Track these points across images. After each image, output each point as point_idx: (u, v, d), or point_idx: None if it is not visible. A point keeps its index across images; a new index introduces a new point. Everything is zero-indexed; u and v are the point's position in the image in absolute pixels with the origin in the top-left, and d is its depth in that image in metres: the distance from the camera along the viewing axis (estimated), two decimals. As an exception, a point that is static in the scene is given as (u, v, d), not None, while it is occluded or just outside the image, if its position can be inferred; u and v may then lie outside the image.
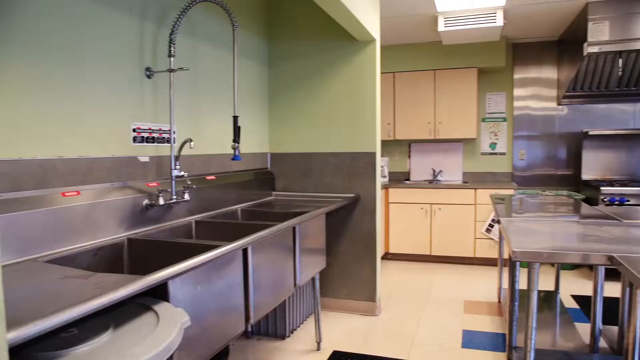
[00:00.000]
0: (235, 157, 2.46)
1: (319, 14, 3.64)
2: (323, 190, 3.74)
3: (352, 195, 3.63)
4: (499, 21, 4.28)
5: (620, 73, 4.61)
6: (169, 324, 1.24)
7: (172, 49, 2.31)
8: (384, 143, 5.91)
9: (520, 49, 5.49)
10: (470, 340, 3.22)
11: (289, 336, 3.26)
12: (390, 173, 5.95)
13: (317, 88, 3.71)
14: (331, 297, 3.79)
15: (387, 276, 4.81)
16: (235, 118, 2.47)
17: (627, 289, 2.54)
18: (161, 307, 1.36)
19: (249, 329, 3.28)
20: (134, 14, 2.23)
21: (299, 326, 3.42)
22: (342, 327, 3.45)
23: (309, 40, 3.70)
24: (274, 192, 3.81)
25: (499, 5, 4.13)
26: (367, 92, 3.59)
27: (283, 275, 2.40)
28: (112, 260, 1.96)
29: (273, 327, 3.24)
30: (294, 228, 2.53)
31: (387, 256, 5.47)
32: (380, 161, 3.77)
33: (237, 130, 2.46)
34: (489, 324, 3.52)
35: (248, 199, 3.32)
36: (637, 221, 2.44)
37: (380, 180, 3.76)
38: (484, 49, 5.20)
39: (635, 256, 1.65)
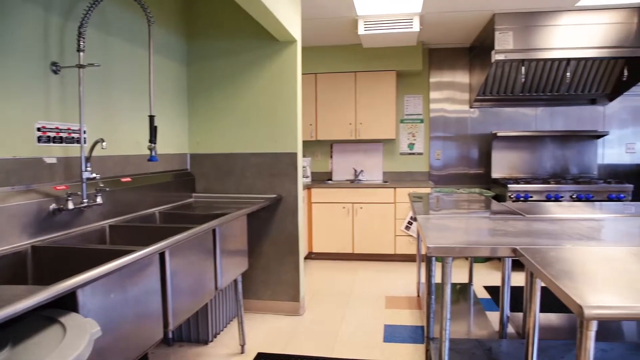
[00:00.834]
0: (151, 158, 2.36)
1: (240, 14, 3.60)
2: (245, 191, 3.70)
3: (274, 195, 3.62)
4: (416, 27, 4.46)
5: (523, 79, 4.97)
6: (77, 335, 1.16)
7: (81, 43, 2.18)
8: (306, 143, 5.96)
9: (435, 54, 5.76)
10: (392, 334, 3.33)
11: (212, 341, 3.18)
12: (312, 173, 6.00)
13: (238, 88, 3.66)
14: (255, 299, 3.75)
15: (311, 276, 4.85)
16: (151, 117, 2.37)
17: (529, 278, 2.74)
18: (69, 319, 1.27)
19: (170, 335, 3.17)
20: (37, 3, 2.07)
21: (222, 330, 3.35)
22: (266, 329, 3.43)
23: (230, 39, 3.64)
24: (194, 194, 3.71)
25: (415, 11, 4.30)
26: (288, 93, 3.60)
27: (203, 279, 2.34)
28: (14, 271, 1.81)
29: (195, 332, 3.15)
30: (214, 230, 2.47)
31: (310, 256, 5.52)
32: (302, 161, 3.79)
33: (153, 130, 2.36)
34: (409, 317, 3.65)
35: (166, 201, 3.21)
36: (538, 215, 2.64)
37: (302, 181, 3.78)
38: (402, 53, 5.39)
39: (535, 247, 1.78)
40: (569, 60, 4.76)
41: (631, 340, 2.97)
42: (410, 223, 5.25)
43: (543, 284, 3.45)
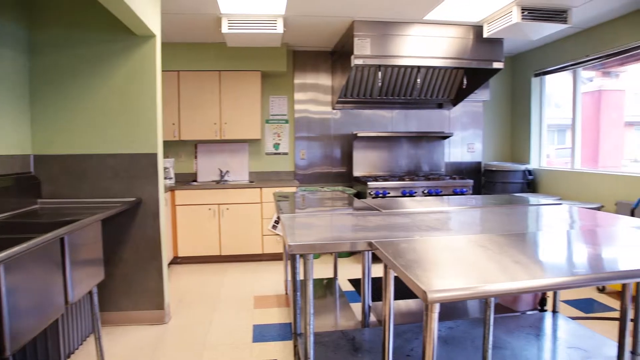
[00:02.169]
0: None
1: (94, 3, 3.30)
2: (100, 195, 3.42)
3: (133, 199, 3.40)
4: (280, 28, 4.52)
5: (380, 84, 5.32)
6: None
7: None
8: (169, 144, 5.69)
9: (300, 56, 5.90)
10: (261, 333, 3.33)
11: (62, 361, 2.89)
12: (176, 174, 5.76)
13: (91, 83, 3.37)
14: (115, 311, 3.49)
15: (177, 281, 4.66)
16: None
17: (385, 269, 2.94)
18: None
19: (10, 360, 2.80)
20: None
21: (77, 348, 3.06)
22: (128, 341, 3.21)
23: (83, 30, 3.33)
24: (39, 200, 3.32)
25: (279, 13, 4.35)
26: (147, 90, 3.41)
27: (51, 293, 2.11)
28: None
29: (44, 354, 2.82)
30: (62, 239, 2.24)
31: (176, 260, 5.29)
32: (163, 162, 3.62)
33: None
34: (277, 315, 3.69)
35: (4, 209, 2.83)
36: (393, 210, 2.84)
37: (163, 182, 3.61)
38: (267, 54, 5.43)
39: (388, 240, 1.92)
40: (419, 67, 5.21)
41: (475, 316, 3.35)
42: (277, 222, 5.32)
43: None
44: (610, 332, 3.26)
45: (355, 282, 4.54)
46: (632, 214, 4.25)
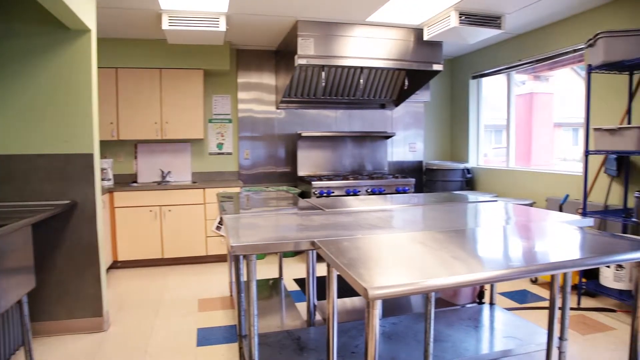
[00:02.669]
0: None
1: (17, -7, 3.11)
2: (31, 197, 3.23)
3: (67, 202, 3.23)
4: (222, 26, 4.44)
5: (324, 84, 5.36)
6: None
7: None
8: (107, 144, 5.46)
9: (243, 55, 5.84)
10: (205, 337, 3.27)
11: (-11, 375, 2.71)
12: (115, 176, 5.54)
13: (18, 79, 3.17)
14: (48, 320, 3.30)
15: (117, 286, 4.48)
16: None
17: (328, 267, 2.97)
18: None
19: None
20: None
21: (4, 361, 2.88)
22: (63, 352, 3.05)
23: (6, 20, 3.13)
24: (-39, 204, 3.09)
25: (221, 11, 4.28)
26: (82, 87, 3.26)
27: (-26, 304, 1.97)
28: None
29: (-35, 368, 2.64)
30: (-13, 245, 2.10)
31: (116, 265, 5.09)
32: (100, 163, 3.47)
33: None
34: (223, 318, 3.63)
35: None
36: (336, 209, 2.87)
37: (100, 184, 3.46)
38: (210, 52, 5.33)
39: (331, 239, 1.93)
40: (362, 68, 5.29)
41: (418, 311, 3.44)
42: (221, 223, 5.23)
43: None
44: (543, 321, 3.45)
45: (301, 282, 4.54)
46: (561, 209, 4.51)
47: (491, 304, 3.40)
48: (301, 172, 5.90)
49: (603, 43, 3.52)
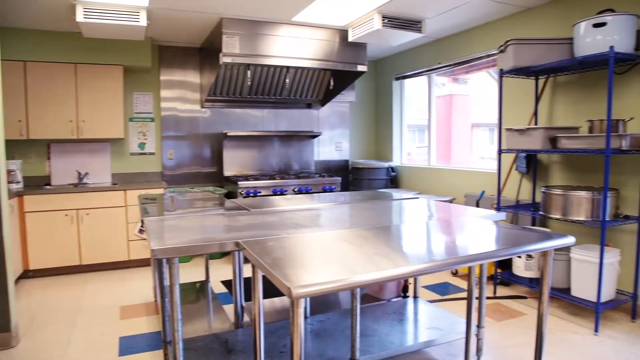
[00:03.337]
0: None
1: None
2: None
3: (-31, 206, 2.97)
4: (143, 21, 4.27)
5: (249, 83, 5.30)
6: None
7: None
8: (15, 143, 5.05)
9: (166, 52, 5.64)
10: (128, 346, 3.13)
11: None
12: (24, 178, 5.13)
13: None
14: (-55, 337, 3.01)
15: (29, 297, 4.17)
16: None
17: (253, 268, 2.94)
18: None
19: None
20: None
21: None
22: (-37, 371, 2.79)
23: None
24: None
25: (142, 5, 4.11)
26: (-16, 82, 3.00)
27: None
28: None
29: None
30: None
31: (27, 274, 4.73)
32: (6, 164, 3.20)
33: None
34: (147, 325, 3.49)
35: None
36: (262, 209, 2.85)
37: (6, 187, 3.20)
38: (130, 47, 5.10)
39: (255, 239, 1.92)
40: (288, 68, 5.29)
41: (347, 307, 3.49)
42: (144, 226, 5.02)
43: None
44: (463, 311, 3.63)
45: (228, 283, 4.47)
46: (477, 205, 4.78)
47: (415, 297, 3.53)
48: (227, 172, 5.80)
49: (512, 49, 3.76)
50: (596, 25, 3.33)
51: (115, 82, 5.13)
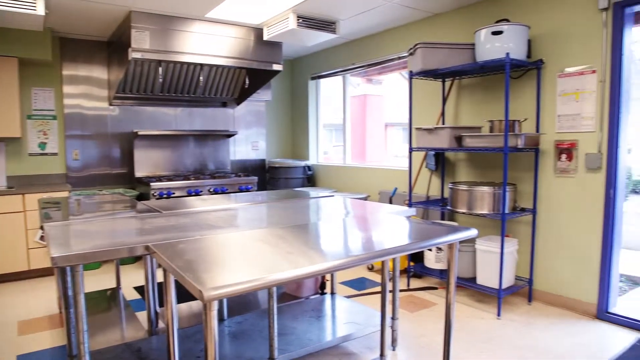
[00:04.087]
0: None
1: None
2: None
3: None
4: (40, 10, 3.94)
5: (161, 80, 5.10)
6: None
7: None
8: None
9: (69, 45, 5.26)
10: (26, 363, 2.89)
11: None
12: None
13: None
14: None
15: None
16: None
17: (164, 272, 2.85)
18: None
19: None
20: None
21: None
22: None
23: None
24: None
25: (37, -7, 3.80)
26: None
27: None
28: None
29: None
30: None
31: None
32: None
33: None
34: (50, 339, 3.25)
35: None
36: (174, 211, 2.76)
37: None
38: (27, 38, 4.70)
39: (167, 242, 1.85)
40: (202, 65, 5.15)
41: (265, 307, 3.47)
42: (47, 232, 4.66)
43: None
44: (379, 304, 3.76)
45: (142, 289, 4.28)
46: (391, 202, 4.96)
47: (332, 293, 3.59)
48: (139, 173, 5.54)
49: (421, 53, 3.94)
50: (494, 33, 3.58)
51: (9, 75, 4.70)
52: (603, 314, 3.46)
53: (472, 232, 2.16)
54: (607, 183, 3.39)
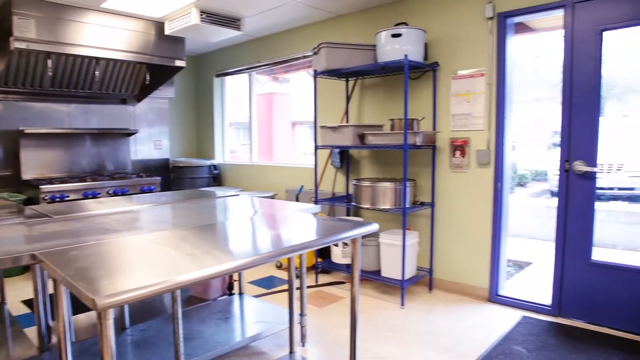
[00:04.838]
0: None
1: None
2: None
3: None
4: None
5: (51, 73, 4.71)
6: None
7: None
8: None
9: None
10: None
11: None
12: None
13: None
14: None
15: None
16: None
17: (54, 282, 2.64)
18: None
19: None
20: None
21: None
22: None
23: None
24: None
25: None
26: None
27: None
28: None
29: None
30: None
31: None
32: None
33: None
34: None
35: None
36: (66, 215, 2.56)
37: None
38: None
39: (56, 249, 1.71)
40: (97, 59, 4.83)
41: (171, 312, 3.34)
42: None
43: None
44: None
45: (31, 303, 3.93)
46: (297, 199, 5.01)
47: (240, 293, 3.55)
48: (26, 175, 5.08)
49: (325, 52, 4.01)
50: (394, 36, 3.74)
51: None
52: (494, 296, 3.77)
53: (374, 227, 2.25)
54: (495, 177, 3.70)
